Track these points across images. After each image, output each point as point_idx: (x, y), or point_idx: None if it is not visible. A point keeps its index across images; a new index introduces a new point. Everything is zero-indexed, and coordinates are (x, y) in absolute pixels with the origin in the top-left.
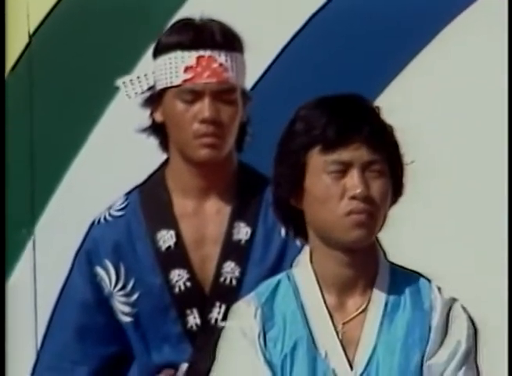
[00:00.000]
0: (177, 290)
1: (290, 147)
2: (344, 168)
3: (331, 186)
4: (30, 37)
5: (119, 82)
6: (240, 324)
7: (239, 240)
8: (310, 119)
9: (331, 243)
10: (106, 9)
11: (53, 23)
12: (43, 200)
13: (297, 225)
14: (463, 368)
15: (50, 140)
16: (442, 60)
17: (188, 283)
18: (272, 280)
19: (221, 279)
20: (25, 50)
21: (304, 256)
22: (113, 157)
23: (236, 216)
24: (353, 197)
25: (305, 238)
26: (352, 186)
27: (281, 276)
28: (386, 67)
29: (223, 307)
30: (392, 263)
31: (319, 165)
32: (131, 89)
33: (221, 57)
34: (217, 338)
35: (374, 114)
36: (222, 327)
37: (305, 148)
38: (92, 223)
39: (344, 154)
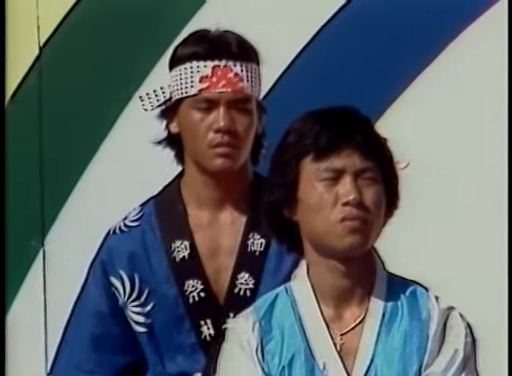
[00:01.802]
0: (191, 300)
1: (283, 158)
2: (336, 176)
3: (324, 193)
4: (41, 48)
5: (137, 97)
6: (239, 338)
7: (254, 252)
8: (302, 130)
9: (326, 252)
10: (116, 20)
11: (63, 35)
12: (53, 212)
13: (292, 238)
14: None
15: (60, 152)
16: (452, 71)
17: (202, 294)
18: (270, 294)
19: (236, 290)
20: (35, 62)
21: (301, 269)
22: (123, 169)
23: (250, 227)
24: (346, 204)
25: (300, 252)
26: (345, 193)
27: (279, 289)
28: (397, 77)
29: None
30: (390, 273)
31: (311, 174)
32: (147, 103)
33: (237, 67)
34: (217, 352)
35: (366, 124)
36: (222, 342)
37: (298, 157)
38: (108, 233)
39: (336, 162)
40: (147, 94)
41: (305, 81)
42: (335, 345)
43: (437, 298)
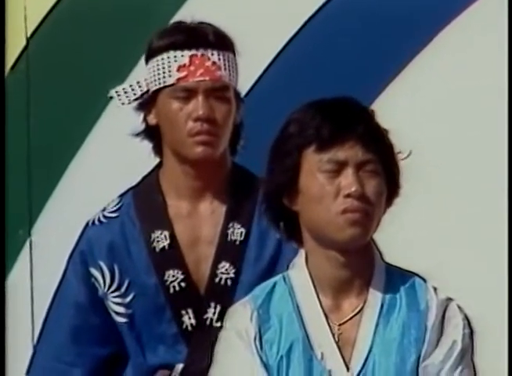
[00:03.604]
0: (172, 290)
1: (284, 149)
2: (338, 168)
3: (326, 184)
4: (28, 39)
5: (112, 92)
6: (236, 327)
7: (234, 241)
8: (303, 121)
9: (326, 243)
10: (103, 12)
11: (51, 26)
12: (40, 202)
13: (290, 227)
14: (459, 368)
15: (47, 143)
16: (442, 60)
17: (183, 284)
18: (268, 283)
19: (216, 279)
20: (22, 52)
21: (300, 258)
22: (109, 160)
23: (230, 217)
24: (348, 196)
25: (298, 241)
26: (347, 185)
27: (277, 278)
28: (384, 69)
29: (218, 307)
30: (388, 264)
31: (313, 164)
32: (124, 97)
33: (214, 56)
34: (213, 341)
35: (368, 115)
36: (219, 330)
37: (300, 148)
38: (87, 224)
39: (339, 153)
40: (123, 89)
41: (292, 73)
42: (333, 334)
43: (435, 289)
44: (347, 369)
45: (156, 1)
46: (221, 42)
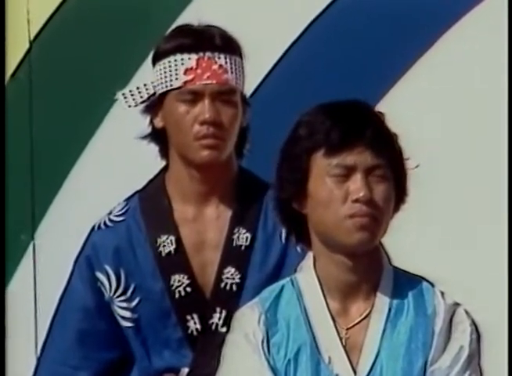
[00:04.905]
0: (177, 295)
1: (293, 152)
2: (347, 172)
3: (334, 189)
4: (31, 42)
5: (118, 95)
6: (244, 330)
7: (240, 246)
8: (313, 124)
9: (334, 247)
10: (106, 15)
11: (54, 29)
12: (43, 207)
13: (300, 230)
14: (466, 373)
15: (50, 146)
16: (445, 63)
17: (188, 289)
18: (276, 286)
19: (222, 284)
20: (25, 56)
21: (308, 262)
22: (113, 164)
23: (236, 222)
24: (356, 200)
25: (307, 244)
26: (355, 190)
27: (285, 281)
28: (387, 72)
29: (223, 312)
30: (396, 268)
31: (322, 169)
32: (131, 100)
33: (221, 59)
34: (221, 344)
35: (378, 119)
36: (224, 335)
37: (309, 152)
38: (92, 228)
39: (348, 158)
40: (130, 91)
41: (296, 75)
42: (341, 339)
43: (442, 293)
44: (355, 373)
45: (159, 3)
46: (228, 45)
